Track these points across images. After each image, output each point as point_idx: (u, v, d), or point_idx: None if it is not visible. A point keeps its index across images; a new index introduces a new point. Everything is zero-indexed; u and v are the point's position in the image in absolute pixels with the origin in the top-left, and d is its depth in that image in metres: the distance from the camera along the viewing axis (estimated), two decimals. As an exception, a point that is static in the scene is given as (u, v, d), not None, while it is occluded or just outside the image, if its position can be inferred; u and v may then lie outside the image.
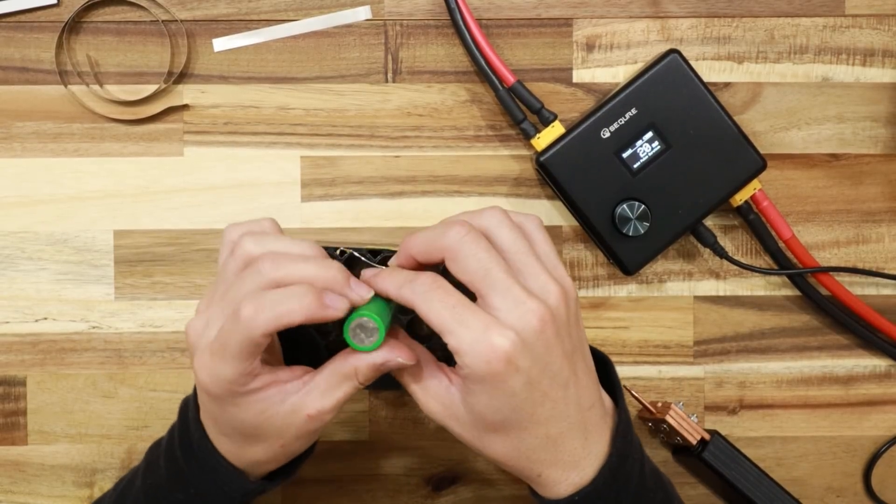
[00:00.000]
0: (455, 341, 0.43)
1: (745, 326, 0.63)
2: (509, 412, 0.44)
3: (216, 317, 0.45)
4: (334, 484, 0.63)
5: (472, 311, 0.43)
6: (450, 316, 0.43)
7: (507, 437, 0.45)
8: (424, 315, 0.43)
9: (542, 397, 0.44)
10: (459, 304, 0.43)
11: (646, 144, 0.58)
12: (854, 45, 0.63)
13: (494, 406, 0.44)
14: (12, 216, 0.62)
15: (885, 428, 0.64)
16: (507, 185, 0.63)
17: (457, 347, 0.43)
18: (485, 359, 0.42)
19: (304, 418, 0.46)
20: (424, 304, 0.43)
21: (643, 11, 0.62)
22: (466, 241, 0.44)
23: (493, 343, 0.42)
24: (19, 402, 0.63)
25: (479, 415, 0.45)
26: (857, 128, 0.63)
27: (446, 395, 0.46)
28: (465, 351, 0.43)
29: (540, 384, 0.44)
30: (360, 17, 0.62)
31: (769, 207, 0.61)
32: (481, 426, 0.45)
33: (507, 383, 0.43)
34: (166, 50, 0.62)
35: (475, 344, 0.42)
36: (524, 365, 0.43)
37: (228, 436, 0.48)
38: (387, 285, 0.45)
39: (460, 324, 0.43)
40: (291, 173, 0.62)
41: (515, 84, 0.60)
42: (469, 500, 0.64)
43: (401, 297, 0.45)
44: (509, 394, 0.43)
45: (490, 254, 0.44)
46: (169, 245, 0.62)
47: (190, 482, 0.49)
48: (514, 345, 0.42)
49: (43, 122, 0.62)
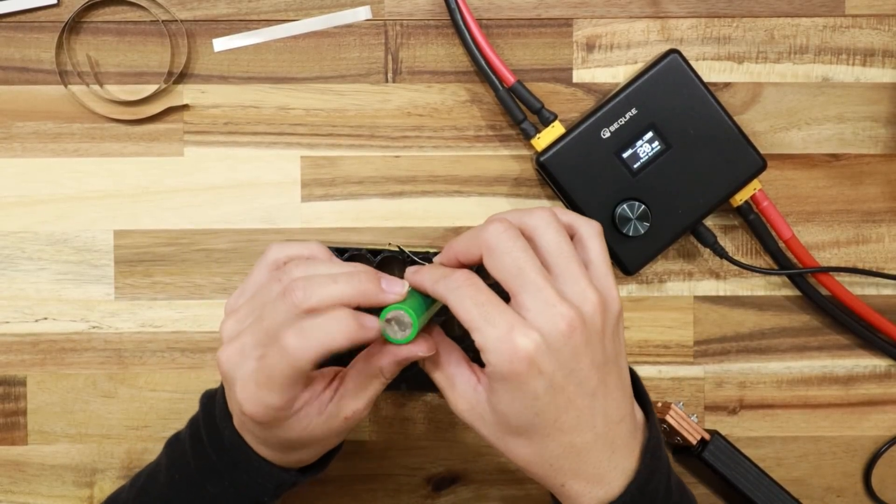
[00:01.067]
0: (481, 338, 0.43)
1: (745, 326, 0.63)
2: (532, 416, 0.44)
3: (251, 345, 0.45)
4: (334, 484, 0.63)
5: (501, 309, 0.43)
6: (478, 313, 0.43)
7: (530, 441, 0.45)
8: (455, 310, 0.44)
9: (566, 404, 0.44)
10: (488, 302, 0.43)
11: (646, 144, 0.58)
12: (854, 46, 0.63)
13: (517, 408, 0.43)
14: (12, 216, 0.62)
15: (885, 428, 0.64)
16: (507, 185, 0.63)
17: (482, 344, 0.43)
18: (507, 358, 0.42)
19: (341, 421, 0.47)
20: (455, 300, 0.44)
21: (643, 11, 0.62)
22: (503, 237, 0.44)
23: (515, 342, 0.42)
24: (19, 402, 0.63)
25: (503, 416, 0.44)
26: (857, 128, 0.63)
27: (473, 395, 0.46)
28: (488, 349, 0.42)
29: (565, 390, 0.43)
30: (360, 17, 0.62)
31: (769, 207, 0.61)
32: (505, 428, 0.45)
33: (528, 385, 0.43)
34: (166, 50, 0.62)
35: (499, 342, 0.42)
36: (547, 368, 0.42)
37: (270, 447, 0.49)
38: (423, 280, 0.46)
39: (486, 321, 0.42)
40: (291, 173, 0.62)
41: (515, 84, 0.60)
42: (469, 500, 0.64)
43: (435, 292, 0.45)
44: (532, 396, 0.43)
45: (526, 253, 0.44)
46: (169, 245, 0.62)
47: (224, 475, 0.50)
48: (538, 346, 0.42)
49: (43, 122, 0.62)
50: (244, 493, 0.50)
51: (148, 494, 0.53)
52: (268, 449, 0.49)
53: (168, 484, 0.52)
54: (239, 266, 0.62)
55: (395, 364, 0.47)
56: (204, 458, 0.50)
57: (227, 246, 0.62)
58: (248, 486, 0.50)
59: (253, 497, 0.50)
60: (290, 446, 0.48)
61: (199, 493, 0.51)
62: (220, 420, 0.50)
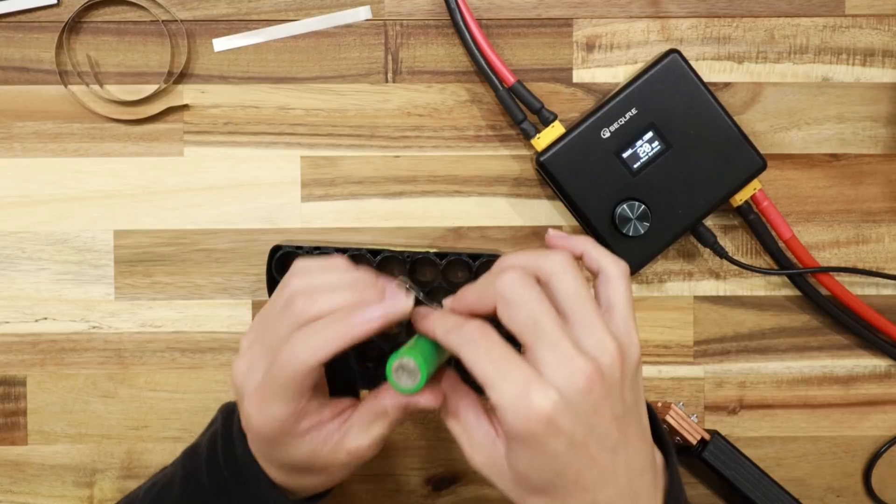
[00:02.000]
0: (496, 396, 0.40)
1: (745, 326, 0.63)
2: (552, 475, 0.41)
3: (258, 357, 0.46)
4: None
5: (516, 365, 0.41)
6: (493, 369, 0.41)
7: (552, 500, 0.42)
8: (468, 364, 0.42)
9: (588, 461, 0.41)
10: (504, 358, 0.41)
11: (646, 144, 0.58)
12: (854, 45, 0.63)
13: (536, 466, 0.42)
14: (12, 216, 0.62)
15: (885, 428, 0.64)
16: (507, 185, 0.63)
17: (497, 403, 0.41)
18: (523, 418, 0.40)
19: (344, 455, 0.46)
20: (469, 354, 0.42)
21: (643, 11, 0.62)
22: (517, 288, 0.42)
23: (532, 402, 0.40)
24: (19, 402, 0.63)
25: (522, 475, 0.42)
26: (857, 128, 0.63)
27: (492, 449, 0.44)
28: (504, 407, 0.40)
29: (586, 447, 0.41)
30: (360, 17, 0.62)
31: (769, 207, 0.61)
32: (524, 486, 0.43)
33: (547, 445, 0.41)
34: (166, 50, 0.62)
35: (515, 401, 0.40)
36: (567, 427, 0.40)
37: (277, 468, 0.48)
38: (434, 328, 0.44)
39: (502, 378, 0.40)
40: (291, 173, 0.62)
41: (515, 84, 0.60)
42: (469, 500, 0.64)
43: (447, 343, 0.43)
44: (551, 456, 0.41)
45: (542, 304, 0.42)
46: (169, 245, 0.62)
47: (234, 494, 0.49)
48: (556, 406, 0.40)
49: (43, 122, 0.62)
50: None
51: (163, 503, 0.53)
52: (275, 470, 0.48)
53: (181, 496, 0.52)
54: (239, 266, 0.62)
55: (399, 409, 0.46)
56: (217, 473, 0.50)
57: (227, 246, 0.62)
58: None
59: None
60: (294, 469, 0.48)
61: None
62: (236, 436, 0.50)
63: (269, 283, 0.60)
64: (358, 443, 0.46)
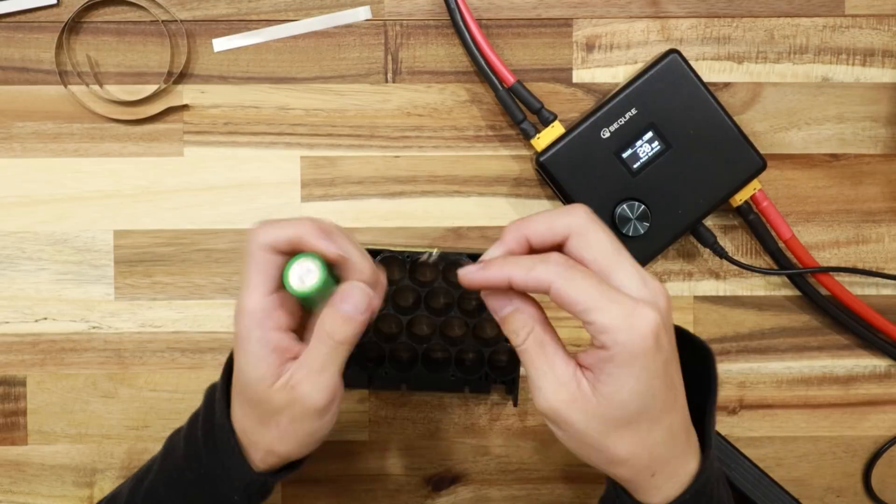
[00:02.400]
0: (606, 318, 0.41)
1: (745, 326, 0.63)
2: (649, 398, 0.42)
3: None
4: (334, 484, 0.63)
5: (614, 288, 0.42)
6: (598, 292, 0.41)
7: (637, 430, 0.43)
8: (565, 293, 0.41)
9: (670, 382, 0.43)
10: (601, 282, 0.42)
11: (646, 144, 0.58)
12: (854, 45, 0.63)
13: (638, 391, 0.42)
14: (12, 216, 0.62)
15: (885, 428, 0.64)
16: (507, 185, 0.63)
17: (607, 324, 0.41)
18: (640, 333, 0.41)
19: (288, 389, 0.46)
20: (567, 283, 0.41)
21: (643, 11, 0.62)
22: (593, 219, 0.43)
23: (644, 318, 0.41)
24: (19, 402, 0.63)
25: (619, 404, 0.42)
26: (856, 128, 0.63)
27: (571, 380, 0.43)
28: (616, 327, 0.41)
29: (670, 368, 0.43)
30: (360, 17, 0.62)
31: (769, 207, 0.61)
32: (612, 420, 0.43)
33: (654, 362, 0.41)
34: (166, 50, 0.62)
35: (627, 319, 0.41)
36: (665, 344, 0.42)
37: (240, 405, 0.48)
38: (511, 271, 0.43)
39: (610, 300, 0.41)
40: (291, 173, 0.62)
41: (515, 84, 0.60)
42: (469, 500, 0.64)
43: (533, 279, 0.42)
44: (653, 374, 0.42)
45: (613, 235, 0.43)
46: (169, 245, 0.62)
47: (202, 461, 0.50)
48: (659, 321, 0.41)
49: (43, 122, 0.62)
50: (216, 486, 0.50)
51: (141, 484, 0.53)
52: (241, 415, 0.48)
53: (159, 472, 0.52)
54: (239, 266, 0.62)
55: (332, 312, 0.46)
56: (192, 442, 0.51)
57: (227, 246, 0.62)
58: (220, 478, 0.49)
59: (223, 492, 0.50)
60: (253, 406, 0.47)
61: (181, 479, 0.51)
62: (217, 403, 0.50)
63: (268, 283, 0.60)
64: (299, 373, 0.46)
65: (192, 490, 0.51)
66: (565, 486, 0.64)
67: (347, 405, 0.63)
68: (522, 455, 0.64)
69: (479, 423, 0.63)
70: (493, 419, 0.63)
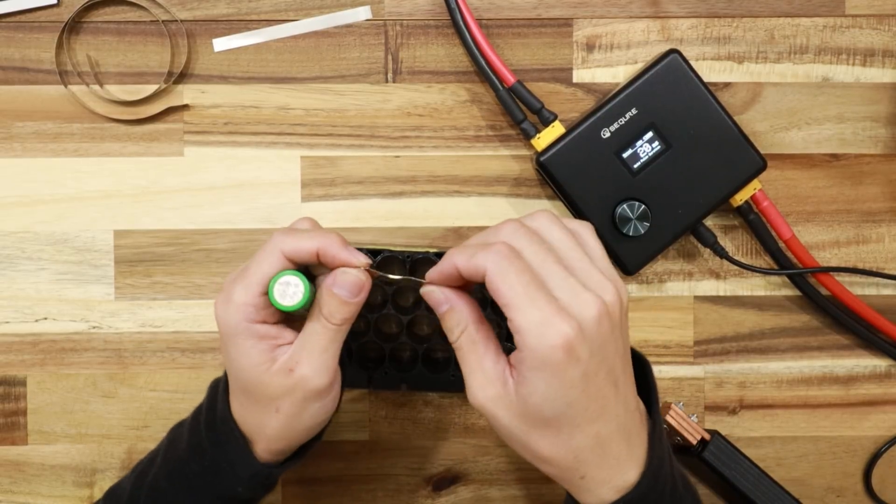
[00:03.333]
0: (522, 319, 0.42)
1: (745, 326, 0.63)
2: (564, 406, 0.43)
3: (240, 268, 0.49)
4: (334, 484, 0.63)
5: (544, 291, 0.42)
6: (522, 291, 0.42)
7: (558, 433, 0.44)
8: (495, 285, 0.42)
9: (596, 393, 0.43)
10: (533, 282, 0.42)
11: (646, 144, 0.58)
12: (854, 46, 0.63)
13: (550, 397, 0.42)
14: (12, 216, 0.62)
15: (885, 428, 0.64)
16: (508, 185, 0.63)
17: (521, 326, 0.42)
18: (549, 342, 0.41)
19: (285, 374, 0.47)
20: (498, 274, 0.42)
21: (643, 11, 0.62)
22: (521, 234, 0.44)
23: (558, 327, 0.41)
24: (19, 402, 0.63)
25: (534, 407, 0.43)
26: (857, 128, 0.63)
27: (501, 381, 0.44)
28: (528, 331, 0.41)
29: (596, 379, 0.43)
30: (360, 17, 0.62)
31: (769, 207, 0.61)
32: (532, 421, 0.44)
33: (566, 373, 0.42)
34: (166, 50, 0.62)
35: (541, 325, 0.41)
36: (583, 356, 0.42)
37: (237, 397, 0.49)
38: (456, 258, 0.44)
39: (531, 302, 0.41)
40: (291, 173, 0.62)
41: (515, 84, 0.60)
42: (469, 500, 0.64)
43: (472, 265, 0.43)
44: (567, 385, 0.42)
45: (545, 247, 0.44)
46: (169, 245, 0.62)
47: (205, 454, 0.50)
48: (577, 333, 0.41)
49: (43, 122, 0.62)
50: (220, 477, 0.50)
51: (144, 477, 0.53)
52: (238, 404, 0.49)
53: (163, 464, 0.53)
54: (239, 266, 0.62)
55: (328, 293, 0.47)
56: (196, 434, 0.51)
57: (227, 246, 0.62)
58: (224, 470, 0.50)
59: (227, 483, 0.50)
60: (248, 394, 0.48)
61: (184, 471, 0.51)
62: (220, 396, 0.50)
63: (269, 283, 0.60)
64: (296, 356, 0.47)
65: (196, 482, 0.51)
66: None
67: (347, 405, 0.63)
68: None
69: (479, 423, 0.63)
70: (493, 419, 0.63)
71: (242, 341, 0.47)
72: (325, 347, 0.47)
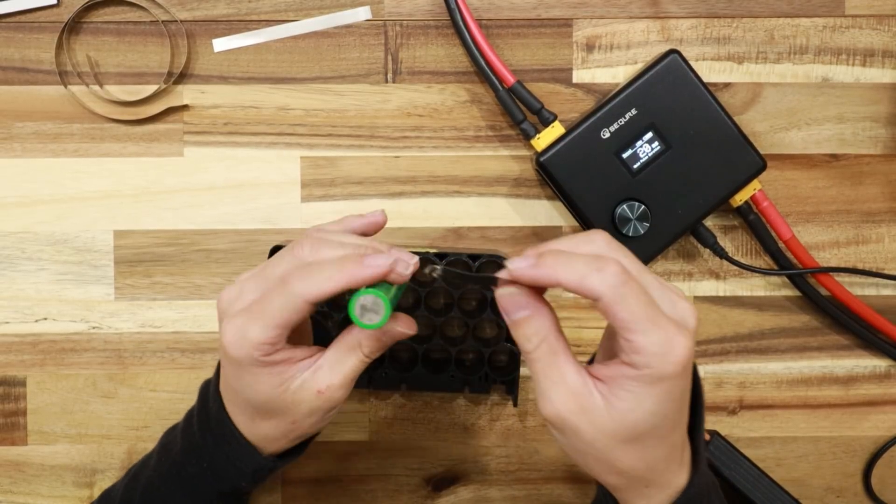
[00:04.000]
0: (645, 340, 0.41)
1: (744, 326, 0.63)
2: (661, 419, 0.42)
3: (251, 287, 0.46)
4: (334, 484, 0.63)
5: (658, 309, 0.41)
6: (642, 313, 0.41)
7: (644, 447, 0.43)
8: (613, 309, 0.41)
9: (683, 405, 0.44)
10: (649, 303, 0.41)
11: (646, 145, 0.58)
12: (854, 46, 0.63)
13: (652, 411, 0.42)
14: (12, 216, 0.62)
15: (885, 428, 0.64)
16: (507, 185, 0.63)
17: (644, 347, 0.41)
18: (673, 360, 0.41)
19: (314, 394, 0.46)
20: (617, 298, 0.41)
21: (643, 12, 0.62)
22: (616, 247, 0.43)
23: (681, 344, 0.41)
24: (19, 402, 0.63)
25: (630, 422, 0.42)
26: (857, 128, 0.63)
27: (586, 394, 0.42)
28: (652, 352, 0.41)
29: (686, 391, 0.43)
30: (360, 17, 0.62)
31: (769, 208, 0.61)
32: (623, 435, 0.42)
33: (678, 388, 0.42)
34: (166, 50, 0.62)
35: (665, 344, 0.41)
36: (690, 369, 0.42)
37: (242, 410, 0.49)
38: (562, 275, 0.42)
39: (652, 322, 0.41)
40: (291, 174, 0.62)
41: (515, 84, 0.60)
42: (469, 500, 0.64)
43: (586, 288, 0.41)
44: (672, 397, 0.42)
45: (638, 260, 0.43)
46: (169, 245, 0.62)
47: (203, 455, 0.50)
48: (691, 351, 0.41)
49: (43, 122, 0.62)
50: (221, 476, 0.50)
51: (137, 480, 0.53)
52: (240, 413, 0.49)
53: (156, 468, 0.53)
54: (239, 266, 0.62)
55: (374, 338, 0.46)
56: (190, 437, 0.51)
57: (227, 246, 0.62)
58: (226, 469, 0.50)
59: (229, 480, 0.50)
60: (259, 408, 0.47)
61: (181, 474, 0.51)
62: (212, 397, 0.50)
63: (268, 284, 0.60)
64: (329, 380, 0.46)
65: (194, 484, 0.51)
66: (565, 486, 0.64)
67: (347, 405, 0.63)
68: (522, 455, 0.64)
69: (479, 423, 0.63)
70: (493, 419, 0.63)
71: (257, 371, 0.46)
72: (356, 374, 0.47)
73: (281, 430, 0.49)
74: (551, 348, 0.43)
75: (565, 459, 0.63)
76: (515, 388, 0.61)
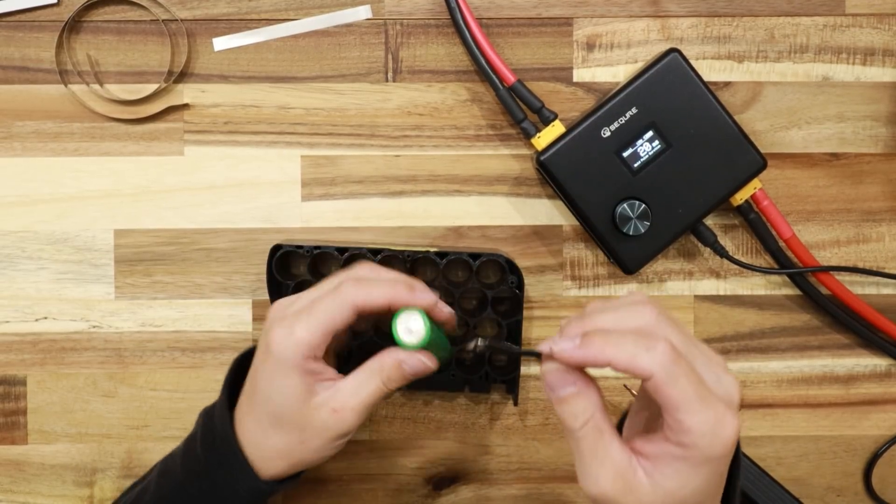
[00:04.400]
0: (694, 420, 0.40)
1: (745, 326, 0.63)
2: (706, 496, 0.42)
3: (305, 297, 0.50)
4: (334, 484, 0.63)
5: (707, 388, 0.41)
6: (693, 393, 0.40)
7: None
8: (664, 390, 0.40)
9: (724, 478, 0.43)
10: (700, 383, 0.40)
11: (646, 144, 0.58)
12: (854, 45, 0.63)
13: (699, 489, 0.41)
14: (12, 216, 0.62)
15: (885, 427, 0.64)
16: (508, 184, 0.63)
17: (693, 427, 0.40)
18: (723, 440, 0.40)
19: (329, 412, 0.49)
20: (667, 378, 0.40)
21: (643, 11, 0.62)
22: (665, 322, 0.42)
23: (730, 425, 0.40)
24: (19, 401, 0.63)
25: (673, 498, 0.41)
26: (857, 127, 0.63)
27: (628, 468, 0.42)
28: (702, 432, 0.40)
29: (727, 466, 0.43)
30: (360, 16, 0.62)
31: (769, 207, 0.61)
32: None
33: (722, 465, 0.41)
34: (166, 49, 0.62)
35: (716, 425, 0.40)
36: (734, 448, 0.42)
37: (258, 418, 0.50)
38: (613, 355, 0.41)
39: (702, 403, 0.40)
40: (292, 173, 0.62)
41: (516, 83, 0.60)
42: (469, 500, 0.64)
43: (637, 369, 0.40)
44: (718, 474, 0.42)
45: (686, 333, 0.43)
46: (169, 245, 0.62)
47: (203, 475, 0.51)
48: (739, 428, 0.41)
49: (43, 121, 0.62)
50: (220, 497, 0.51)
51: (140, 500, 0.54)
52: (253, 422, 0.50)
53: (155, 490, 0.53)
54: (239, 265, 0.62)
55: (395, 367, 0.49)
56: (192, 458, 0.52)
57: (227, 245, 0.62)
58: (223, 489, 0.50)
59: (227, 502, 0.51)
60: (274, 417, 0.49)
61: (182, 494, 0.52)
62: (218, 416, 0.51)
63: (269, 283, 0.60)
64: (345, 401, 0.49)
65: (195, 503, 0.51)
66: (565, 486, 0.64)
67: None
68: (523, 454, 0.63)
69: (479, 422, 0.63)
70: (493, 419, 0.63)
71: (291, 371, 0.48)
72: (372, 402, 0.50)
73: (288, 447, 0.50)
74: (598, 426, 0.42)
75: (565, 459, 0.63)
76: (516, 388, 0.61)
